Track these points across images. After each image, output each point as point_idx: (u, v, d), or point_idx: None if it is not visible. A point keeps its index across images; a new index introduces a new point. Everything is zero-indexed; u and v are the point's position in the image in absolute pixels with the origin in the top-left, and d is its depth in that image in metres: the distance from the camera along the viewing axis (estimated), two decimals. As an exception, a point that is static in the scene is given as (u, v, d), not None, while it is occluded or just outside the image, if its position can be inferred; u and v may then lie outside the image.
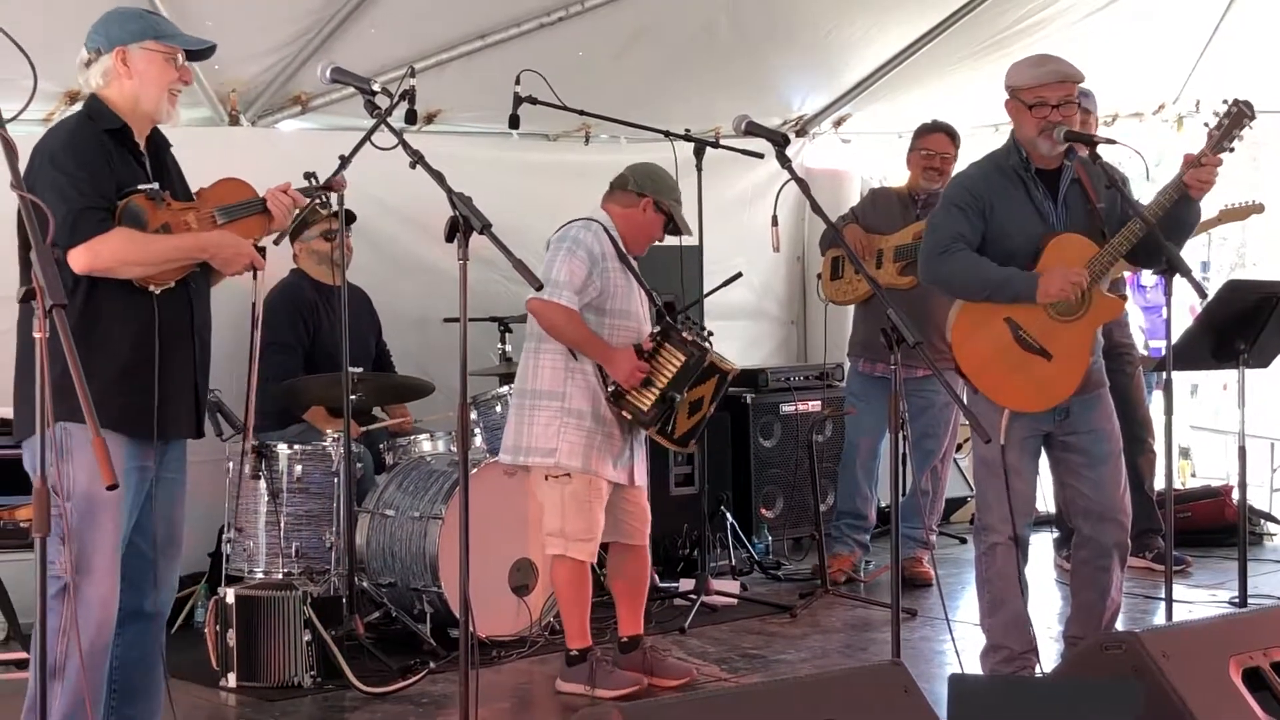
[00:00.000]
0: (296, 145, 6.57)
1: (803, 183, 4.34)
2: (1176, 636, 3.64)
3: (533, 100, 5.93)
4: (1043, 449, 4.82)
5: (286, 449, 5.71)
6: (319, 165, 4.74)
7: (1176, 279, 4.53)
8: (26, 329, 3.70)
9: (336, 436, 5.67)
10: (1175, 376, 4.77)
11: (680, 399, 5.10)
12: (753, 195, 7.88)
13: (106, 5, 3.96)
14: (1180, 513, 7.06)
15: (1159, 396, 5.10)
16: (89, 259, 3.65)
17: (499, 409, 6.09)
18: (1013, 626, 4.76)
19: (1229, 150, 4.55)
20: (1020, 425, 4.67)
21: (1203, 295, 4.80)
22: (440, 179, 3.88)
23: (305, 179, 4.45)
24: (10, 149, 2.87)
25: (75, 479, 3.59)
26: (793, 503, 7.48)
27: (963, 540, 7.75)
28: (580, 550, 5.07)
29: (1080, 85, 4.70)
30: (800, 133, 8.27)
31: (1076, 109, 4.68)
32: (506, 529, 5.64)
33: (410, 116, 4.97)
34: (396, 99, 4.30)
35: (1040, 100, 4.61)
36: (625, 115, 6.55)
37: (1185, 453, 9.14)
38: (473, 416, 5.99)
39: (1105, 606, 4.79)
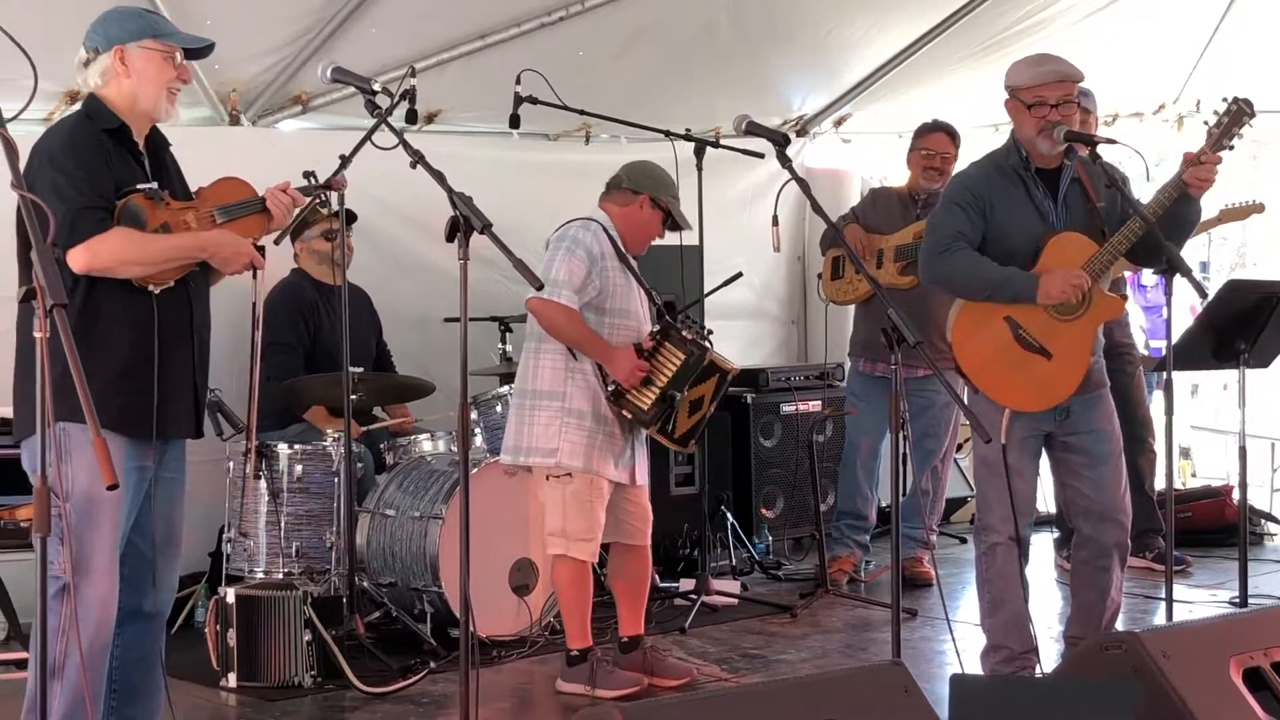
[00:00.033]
0: (297, 145, 6.57)
1: (803, 182, 4.34)
2: (1177, 636, 3.64)
3: (533, 100, 5.93)
4: (1043, 449, 4.83)
5: (287, 449, 5.71)
6: (319, 165, 4.74)
7: (1177, 279, 4.53)
8: (26, 329, 3.70)
9: (337, 436, 5.66)
10: (1176, 376, 4.77)
11: (680, 398, 5.10)
12: (753, 195, 7.88)
13: (106, 5, 3.95)
14: (1181, 513, 7.06)
15: (1159, 396, 5.09)
16: (88, 259, 3.65)
17: (499, 409, 6.09)
18: (1013, 626, 4.76)
19: (1228, 148, 4.55)
20: (1021, 425, 4.67)
21: (1203, 295, 4.80)
22: (441, 179, 3.88)
23: (305, 178, 4.45)
24: (11, 149, 2.87)
25: (74, 479, 3.58)
26: (793, 503, 7.48)
27: (963, 540, 7.75)
28: (581, 550, 5.07)
29: (1080, 85, 4.70)
30: (801, 132, 8.27)
31: (1076, 108, 4.67)
32: (507, 529, 5.64)
33: (411, 116, 4.97)
34: (397, 99, 4.30)
35: (1039, 100, 4.61)
36: (625, 115, 6.55)
37: (1186, 453, 9.13)
38: (473, 416, 5.99)
39: (1105, 606, 4.79)
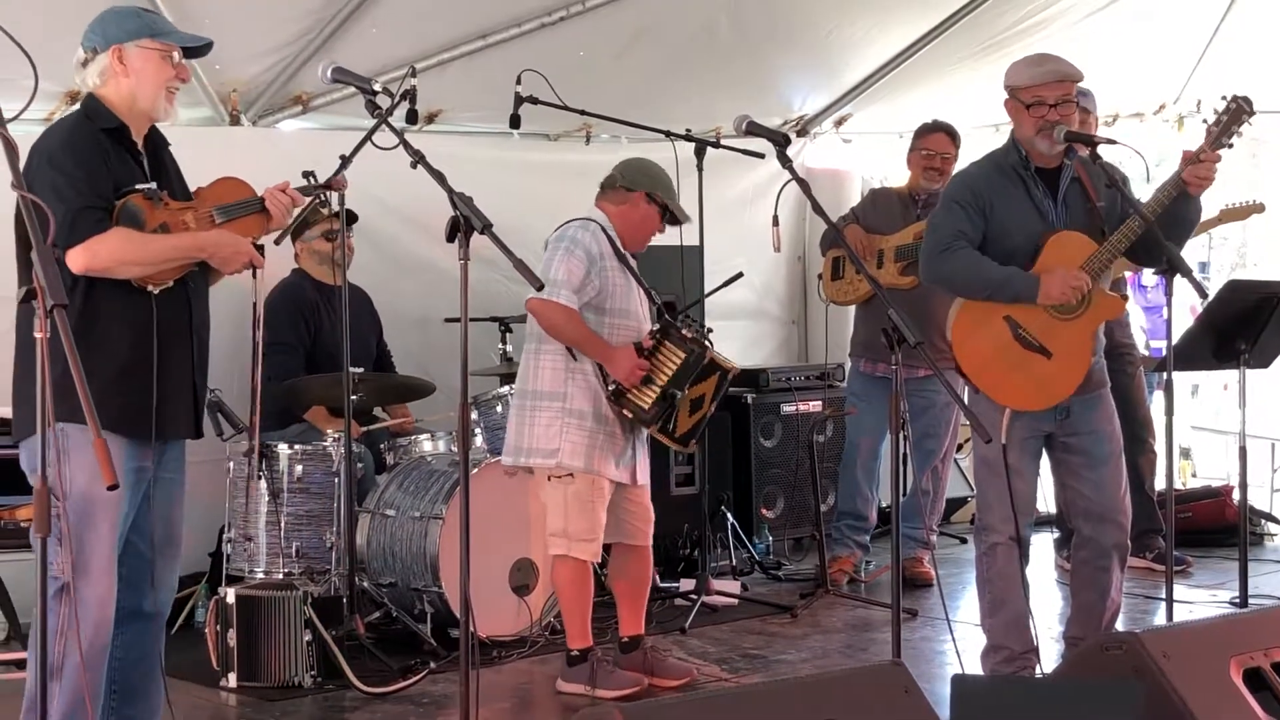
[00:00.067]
0: (297, 145, 6.57)
1: (803, 183, 4.34)
2: (1177, 637, 3.63)
3: (534, 100, 5.93)
4: (1044, 449, 4.83)
5: (287, 449, 5.71)
6: (320, 165, 4.75)
7: (1177, 279, 4.53)
8: (25, 329, 3.70)
9: (337, 436, 5.66)
10: (1176, 377, 4.77)
11: (681, 396, 5.09)
12: (753, 195, 7.88)
13: (106, 5, 3.95)
14: (1181, 513, 7.06)
15: (1160, 397, 5.09)
16: (87, 259, 3.64)
17: (500, 409, 6.09)
18: (1013, 626, 4.76)
19: (1228, 146, 4.55)
20: (1021, 425, 4.67)
21: (1203, 295, 4.80)
22: (441, 179, 3.88)
23: (304, 178, 4.45)
24: (11, 149, 2.87)
25: (72, 479, 3.58)
26: (793, 503, 7.48)
27: (963, 540, 7.74)
28: (583, 550, 5.07)
29: (1079, 85, 4.70)
30: (801, 133, 8.27)
31: (1075, 108, 4.67)
32: (507, 529, 5.64)
33: (411, 116, 4.97)
34: (397, 99, 4.30)
35: (1038, 99, 4.61)
36: (626, 115, 6.55)
37: (1186, 453, 9.13)
38: (473, 416, 5.99)
39: (1105, 607, 4.79)
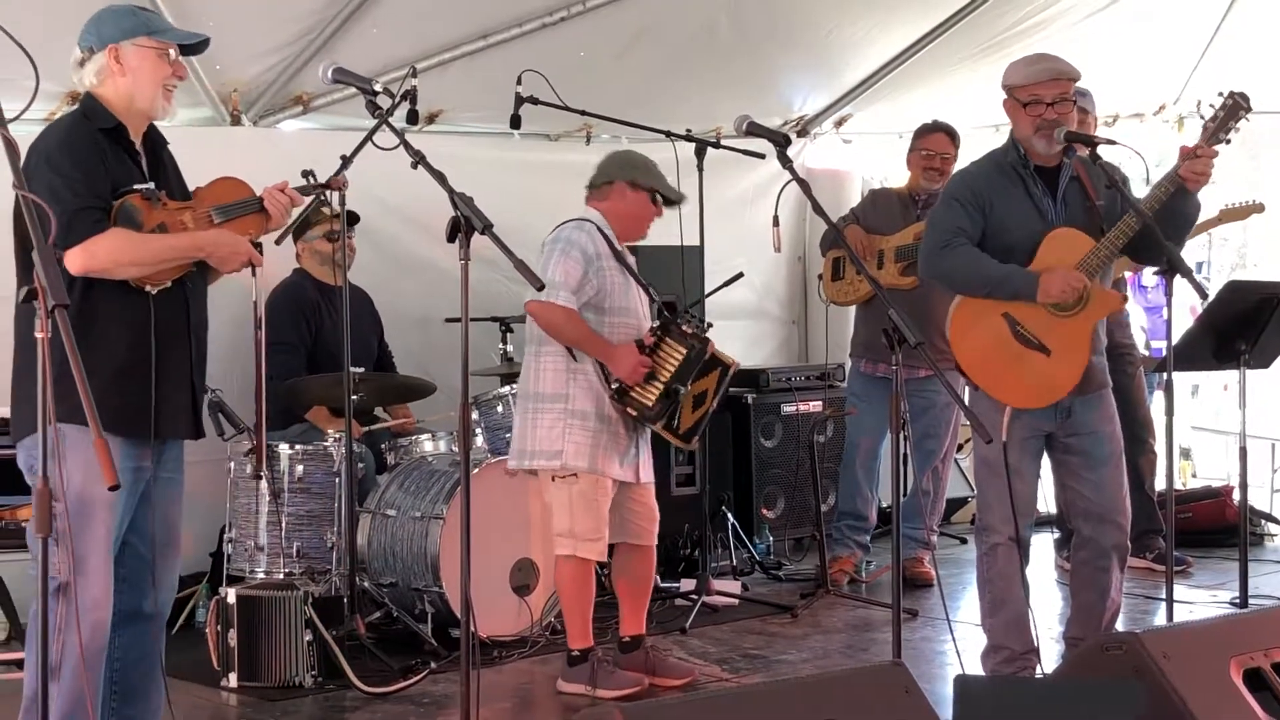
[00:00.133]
0: (298, 145, 6.57)
1: (804, 183, 4.34)
2: (1177, 637, 3.64)
3: (534, 100, 5.93)
4: (1045, 450, 4.83)
5: (288, 449, 5.71)
6: (321, 165, 4.75)
7: (1177, 279, 4.53)
8: (24, 329, 3.70)
9: (338, 436, 5.66)
10: (1176, 377, 4.77)
11: (684, 392, 5.08)
12: (754, 195, 7.88)
13: (106, 4, 3.94)
14: (1181, 513, 7.05)
15: (1160, 397, 5.09)
16: (85, 260, 3.63)
17: (500, 409, 6.10)
18: (1014, 627, 4.76)
19: (1225, 142, 4.55)
20: (1021, 425, 4.67)
21: (1203, 296, 4.80)
22: (442, 179, 3.88)
23: (303, 177, 4.45)
24: (12, 149, 2.87)
25: (69, 480, 3.57)
26: (794, 503, 7.48)
27: (964, 540, 7.74)
28: (589, 550, 5.07)
29: (1078, 85, 4.70)
30: (801, 133, 8.27)
31: (1073, 106, 4.67)
32: (508, 529, 5.64)
33: (412, 116, 4.97)
34: (398, 99, 4.30)
35: (1035, 98, 4.61)
36: (626, 115, 6.55)
37: (1186, 453, 9.12)
38: (474, 416, 5.98)
39: (1105, 607, 4.79)
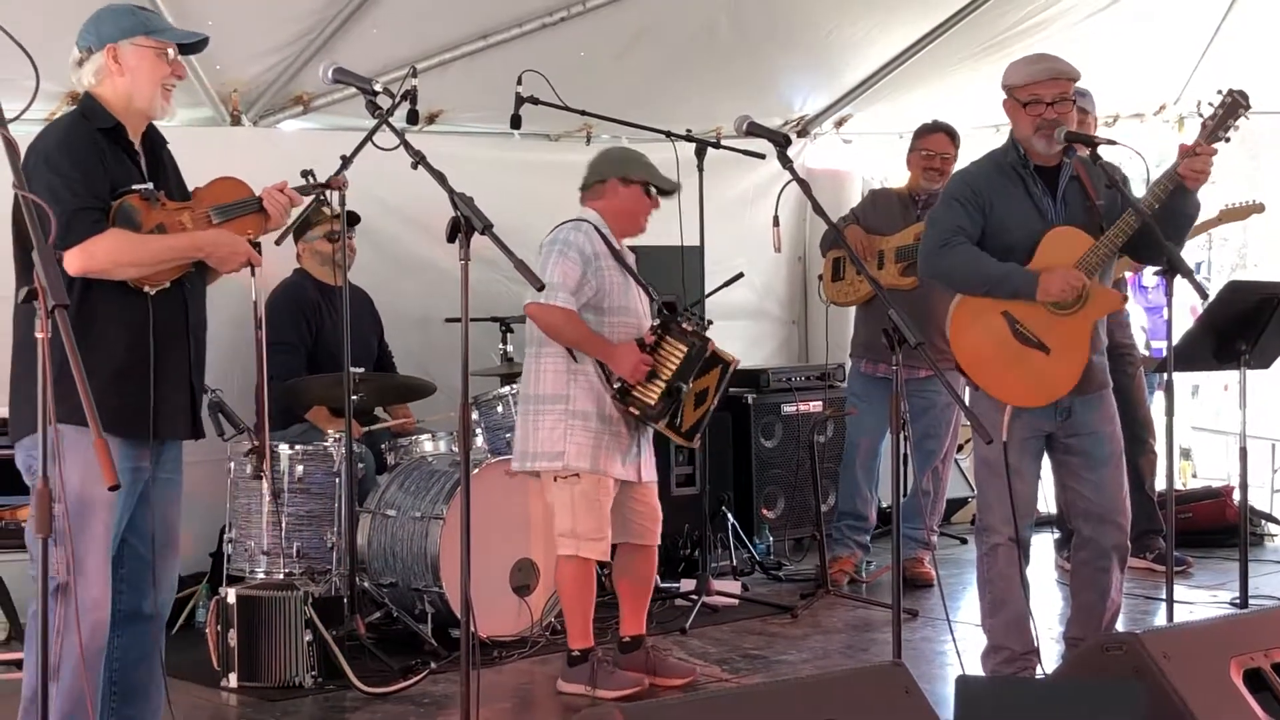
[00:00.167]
0: (298, 145, 6.57)
1: (804, 183, 4.34)
2: (1177, 637, 3.64)
3: (534, 100, 5.93)
4: (1045, 450, 4.83)
5: (288, 449, 5.71)
6: (321, 165, 4.75)
7: (1177, 280, 4.53)
8: (23, 329, 3.69)
9: (338, 436, 5.66)
10: (1176, 377, 4.77)
11: (687, 389, 5.08)
12: (754, 195, 7.88)
13: (106, 3, 3.94)
14: (1181, 513, 7.05)
15: (1160, 397, 5.09)
16: (83, 260, 3.63)
17: (500, 409, 6.10)
18: (1014, 627, 4.76)
19: (1224, 140, 4.55)
20: (1021, 425, 4.67)
21: (1204, 296, 4.80)
22: (442, 179, 3.88)
23: (302, 177, 4.45)
24: (12, 149, 2.87)
25: (67, 481, 3.57)
26: (794, 503, 7.48)
27: (964, 541, 7.74)
28: (592, 549, 5.06)
29: (1078, 85, 4.70)
30: (801, 133, 8.28)
31: (1072, 106, 4.67)
32: (508, 529, 5.64)
33: (412, 117, 4.97)
34: (398, 99, 4.30)
35: (1035, 98, 4.61)
36: (627, 115, 6.55)
37: (1186, 453, 9.12)
38: (474, 416, 5.98)
39: (1105, 608, 4.79)
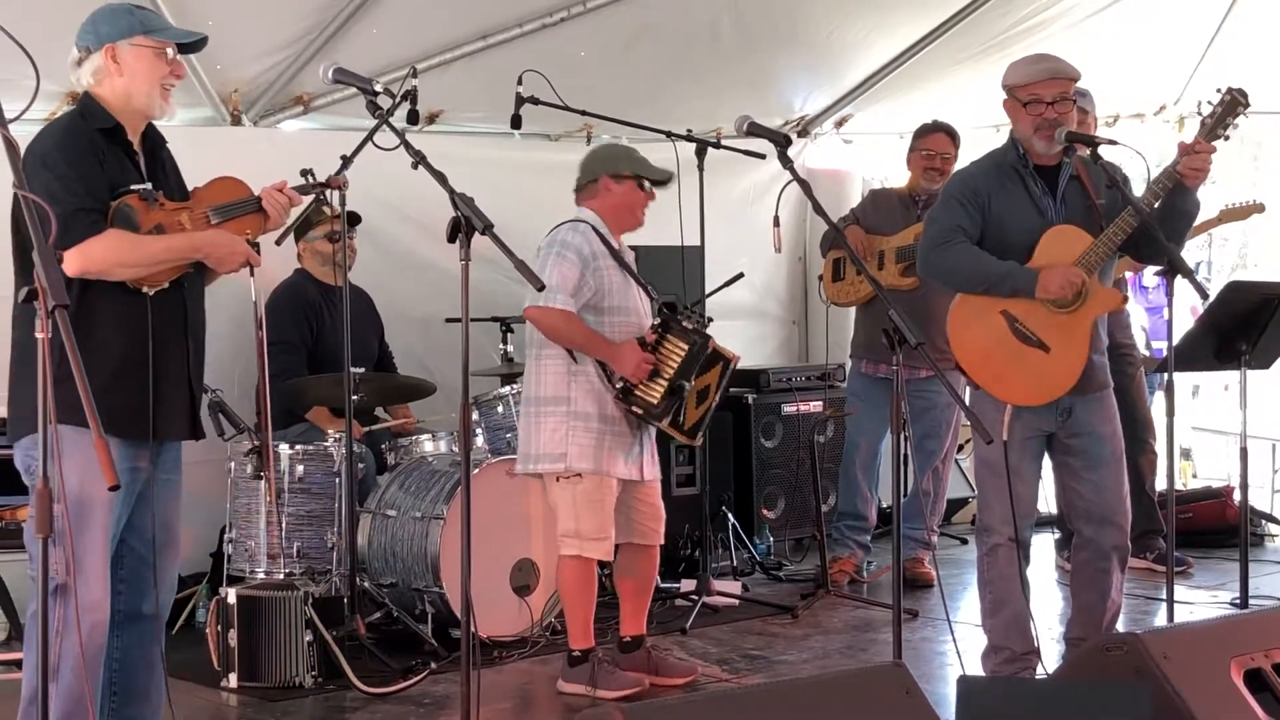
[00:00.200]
0: (299, 145, 6.57)
1: (804, 183, 4.34)
2: (1178, 638, 3.64)
3: (535, 100, 5.93)
4: (1046, 450, 4.82)
5: (288, 449, 5.70)
6: (321, 165, 4.74)
7: (1178, 280, 4.53)
8: (22, 329, 3.69)
9: (338, 437, 5.66)
10: (1177, 377, 4.78)
11: (689, 387, 5.07)
12: (754, 195, 7.88)
13: (104, 3, 3.94)
14: (1181, 514, 7.05)
15: (1160, 397, 5.09)
16: (81, 261, 3.62)
17: (501, 409, 6.10)
18: (1014, 627, 4.76)
19: (1223, 138, 4.56)
20: (1022, 425, 4.67)
21: (1204, 296, 4.80)
22: (442, 179, 3.88)
23: (302, 176, 4.45)
24: (12, 149, 2.86)
25: (67, 481, 3.57)
26: (794, 503, 7.48)
27: (964, 541, 7.74)
28: (595, 549, 5.06)
29: (1078, 85, 4.70)
30: (802, 133, 8.28)
31: (1072, 106, 4.67)
32: (508, 529, 5.64)
33: (412, 117, 4.97)
34: (398, 99, 4.30)
35: (1035, 98, 4.61)
36: (627, 115, 6.55)
37: (1186, 454, 9.12)
38: (474, 416, 5.98)
39: (1106, 608, 4.79)
